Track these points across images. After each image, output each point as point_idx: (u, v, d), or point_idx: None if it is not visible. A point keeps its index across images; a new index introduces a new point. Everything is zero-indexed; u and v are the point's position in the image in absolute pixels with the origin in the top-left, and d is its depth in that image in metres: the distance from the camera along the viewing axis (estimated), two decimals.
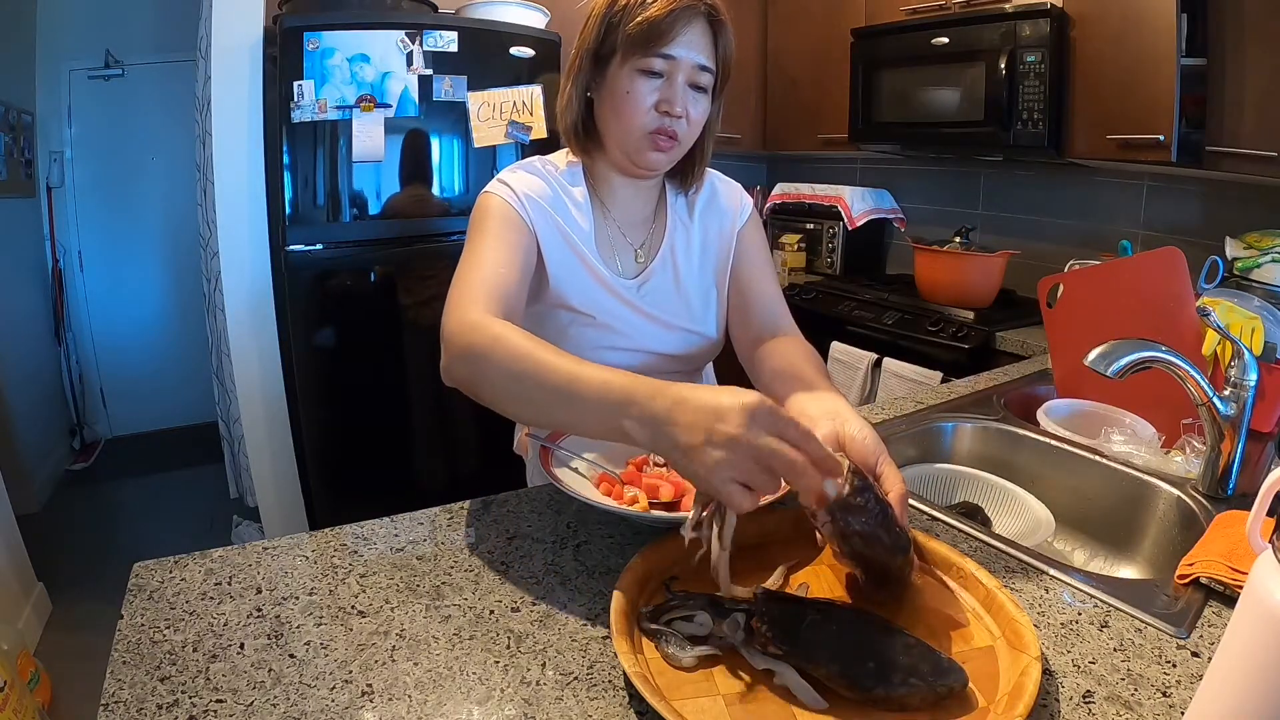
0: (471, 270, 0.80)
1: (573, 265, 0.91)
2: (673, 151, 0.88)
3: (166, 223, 3.27)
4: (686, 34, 0.82)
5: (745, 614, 0.57)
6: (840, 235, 2.60)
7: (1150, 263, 1.13)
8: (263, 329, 2.02)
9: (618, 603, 0.59)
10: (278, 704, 0.53)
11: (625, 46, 0.83)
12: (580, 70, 0.88)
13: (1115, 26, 1.73)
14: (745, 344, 0.99)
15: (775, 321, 0.98)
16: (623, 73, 0.84)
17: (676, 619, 0.58)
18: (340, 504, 1.99)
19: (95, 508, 2.82)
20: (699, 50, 0.83)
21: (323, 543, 0.76)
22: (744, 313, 1.00)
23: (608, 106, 0.87)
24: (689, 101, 0.85)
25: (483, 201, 0.89)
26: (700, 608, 0.58)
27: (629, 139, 0.86)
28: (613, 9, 0.84)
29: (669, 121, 0.84)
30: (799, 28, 2.70)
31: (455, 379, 0.72)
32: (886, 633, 0.56)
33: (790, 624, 0.55)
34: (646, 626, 0.59)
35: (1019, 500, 0.98)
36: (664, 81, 0.84)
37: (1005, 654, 0.58)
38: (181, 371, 3.35)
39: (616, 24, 0.83)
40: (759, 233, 1.04)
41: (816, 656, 0.53)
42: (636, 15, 0.81)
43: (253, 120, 1.93)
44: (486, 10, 2.15)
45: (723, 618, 0.57)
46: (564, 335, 0.94)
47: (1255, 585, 0.45)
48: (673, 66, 0.83)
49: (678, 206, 1.00)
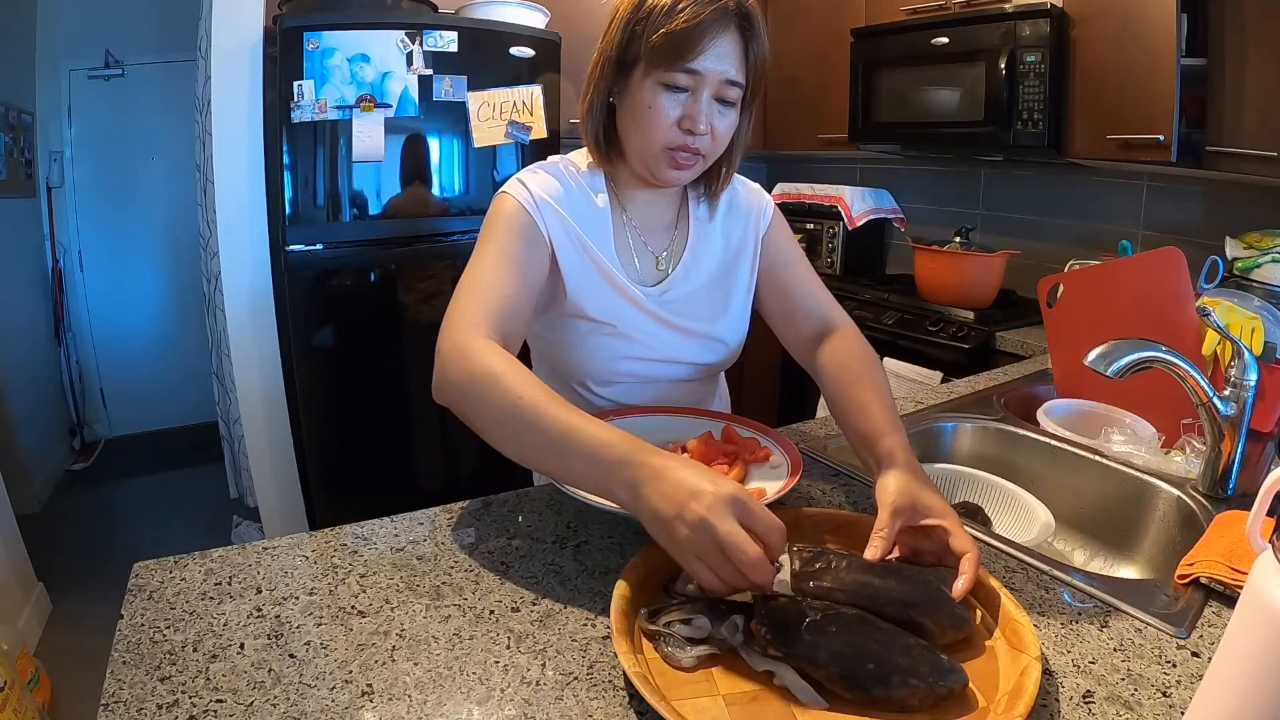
0: (474, 285, 0.78)
1: (589, 273, 0.88)
2: (694, 168, 0.84)
3: (166, 223, 3.27)
4: (715, 47, 0.76)
5: (744, 616, 0.57)
6: (840, 235, 2.60)
7: (1150, 263, 1.13)
8: (263, 329, 2.01)
9: (617, 602, 0.59)
10: (278, 704, 0.53)
11: (649, 58, 0.78)
12: (602, 76, 0.83)
13: (1115, 26, 1.73)
14: (800, 347, 0.96)
15: (824, 315, 0.96)
16: (645, 85, 0.79)
17: (675, 621, 0.58)
18: (340, 504, 1.99)
19: (95, 508, 2.82)
20: (728, 63, 0.78)
21: (323, 543, 0.76)
22: (790, 315, 0.97)
23: (629, 117, 0.83)
24: (715, 117, 0.80)
25: (498, 203, 0.86)
26: (698, 611, 0.58)
27: (648, 154, 0.83)
28: (637, 14, 0.79)
29: (691, 139, 0.80)
30: (799, 28, 2.70)
31: (446, 401, 0.72)
32: (886, 633, 0.56)
33: (789, 625, 0.55)
34: (646, 627, 0.59)
35: (1019, 500, 0.98)
36: (688, 97, 0.79)
37: (1005, 654, 0.58)
38: (181, 371, 3.35)
39: (641, 32, 0.78)
40: (785, 231, 1.01)
41: (816, 657, 0.53)
42: (661, 26, 0.76)
43: (253, 120, 1.93)
44: (486, 10, 2.15)
45: (721, 620, 0.57)
46: (582, 344, 0.91)
47: (1255, 585, 0.45)
48: (698, 82, 0.78)
49: (699, 213, 0.96)
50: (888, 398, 0.82)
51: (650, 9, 0.77)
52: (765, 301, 1.00)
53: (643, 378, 0.95)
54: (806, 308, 0.97)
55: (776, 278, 0.98)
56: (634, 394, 0.97)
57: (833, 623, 0.55)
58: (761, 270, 0.99)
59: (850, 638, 0.54)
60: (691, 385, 1.01)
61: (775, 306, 0.99)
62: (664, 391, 0.98)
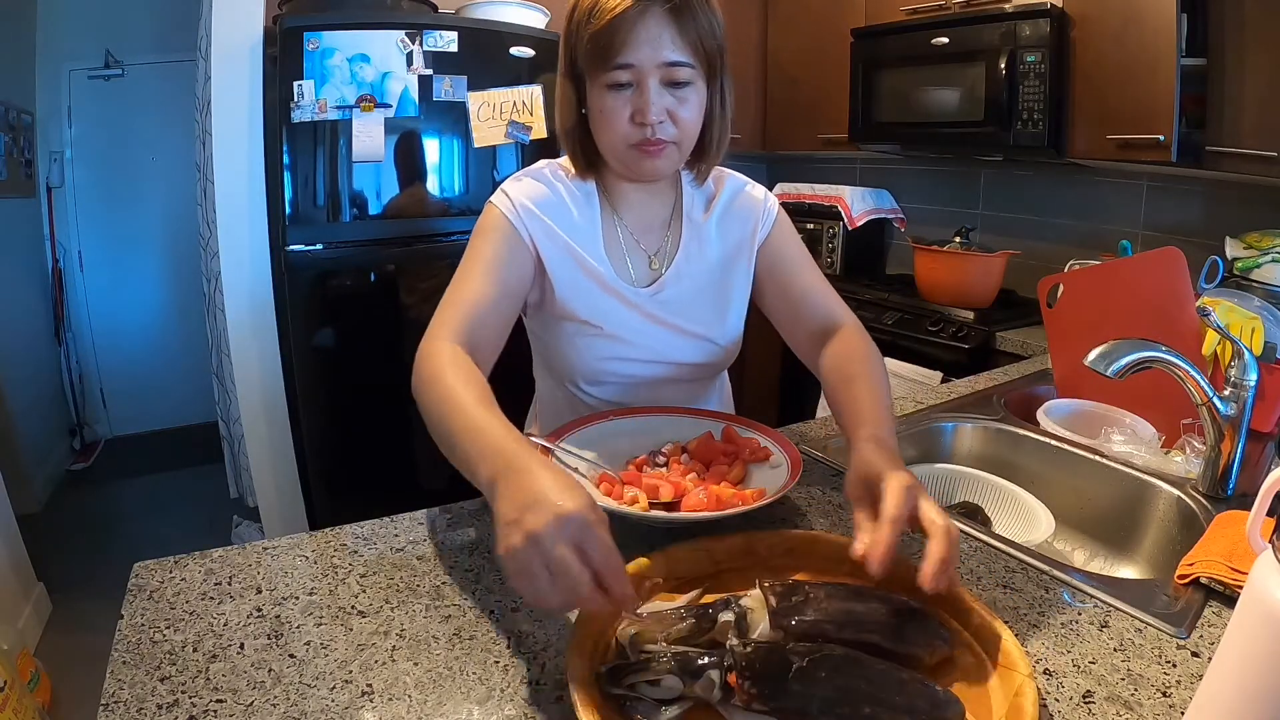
0: (451, 294, 0.81)
1: (577, 276, 0.89)
2: (668, 154, 0.83)
3: (166, 223, 3.27)
4: (642, 34, 0.76)
5: (720, 670, 0.51)
6: (840, 235, 2.60)
7: (1150, 263, 1.13)
8: (263, 329, 2.01)
9: (576, 671, 0.51)
10: (278, 704, 0.53)
11: (587, 64, 0.79)
12: (564, 94, 0.86)
13: (1115, 26, 1.73)
14: (804, 347, 0.96)
15: (827, 312, 0.95)
16: (594, 91, 0.81)
17: (640, 683, 0.52)
18: (340, 504, 1.99)
19: (95, 508, 2.82)
20: (663, 46, 0.77)
21: (323, 543, 0.76)
22: (794, 316, 0.97)
23: (594, 125, 0.84)
24: (669, 103, 0.80)
25: (484, 213, 0.88)
26: (666, 670, 0.52)
27: (617, 154, 0.84)
28: (570, 27, 0.81)
29: (649, 131, 0.79)
30: (799, 28, 2.70)
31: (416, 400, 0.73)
32: (879, 671, 0.52)
33: (774, 675, 0.50)
34: (610, 691, 0.52)
35: (1019, 500, 0.98)
36: (634, 90, 0.79)
37: (993, 674, 0.56)
38: (181, 371, 3.35)
39: (576, 43, 0.80)
40: (790, 233, 1.00)
41: (808, 709, 0.49)
42: (586, 32, 0.77)
43: (253, 120, 1.93)
44: (486, 10, 2.15)
45: (695, 677, 0.51)
46: (571, 344, 0.92)
47: (1255, 585, 0.45)
48: (637, 74, 0.78)
49: (694, 212, 0.96)
50: (881, 392, 0.80)
51: (578, 19, 0.79)
52: (770, 303, 1.00)
53: (633, 377, 0.95)
54: (810, 308, 0.96)
55: (780, 280, 0.98)
56: (626, 394, 0.97)
57: (820, 667, 0.51)
58: (765, 272, 0.98)
59: (841, 681, 0.50)
60: (687, 386, 1.00)
61: (779, 308, 0.98)
62: (658, 392, 0.98)
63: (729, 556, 0.70)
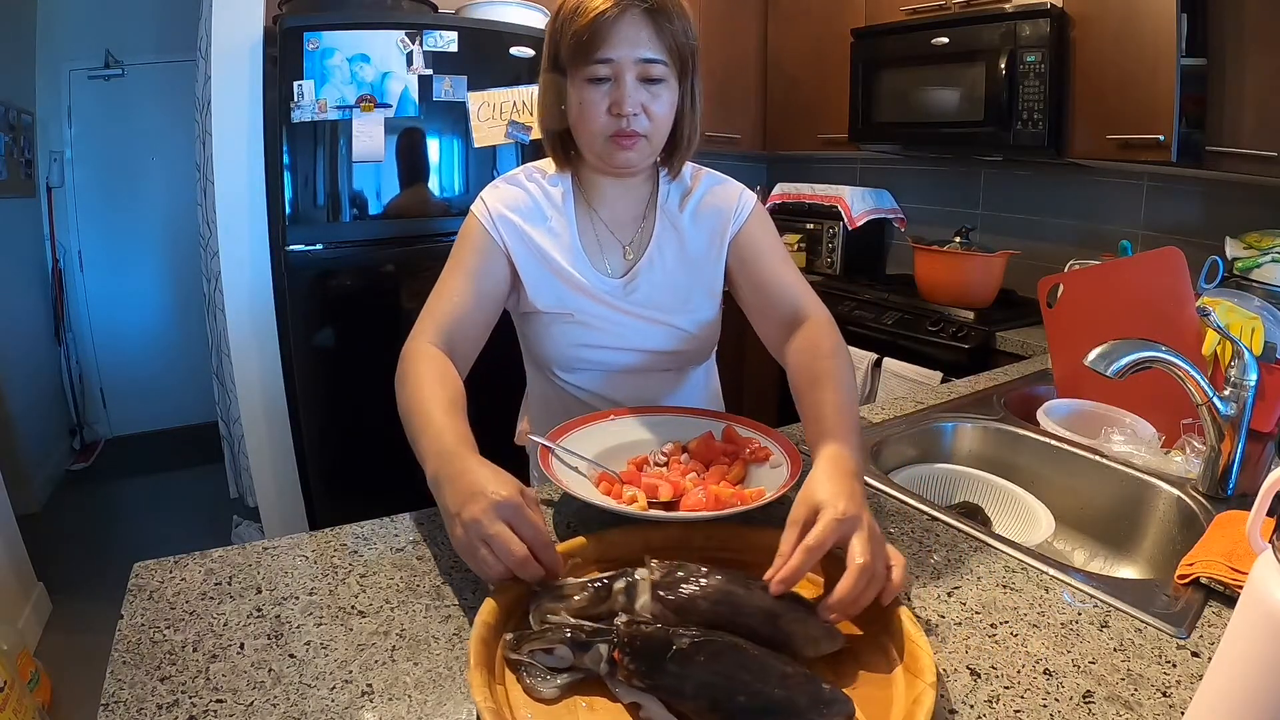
0: (434, 300, 0.90)
1: (546, 277, 0.94)
2: (641, 147, 0.88)
3: (166, 223, 3.27)
4: (621, 32, 0.82)
5: (608, 645, 0.53)
6: (840, 235, 2.60)
7: (1150, 263, 1.13)
8: (263, 329, 2.01)
9: (478, 629, 0.55)
10: (278, 704, 0.53)
11: (570, 60, 0.85)
12: (546, 90, 0.91)
13: (1115, 26, 1.73)
14: (773, 338, 0.96)
15: (795, 304, 0.94)
16: (575, 85, 0.86)
17: (537, 650, 0.55)
18: (340, 504, 1.99)
19: (95, 508, 2.82)
20: (639, 45, 0.83)
21: (323, 543, 0.76)
22: (763, 307, 0.97)
23: (573, 118, 0.89)
24: (644, 98, 0.85)
25: (465, 221, 0.94)
26: (558, 640, 0.54)
27: (594, 145, 0.88)
28: (554, 25, 0.86)
29: (624, 122, 0.85)
30: (799, 28, 2.70)
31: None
32: (760, 662, 0.52)
33: (654, 655, 0.51)
34: (509, 656, 0.55)
35: (1019, 500, 0.98)
36: (612, 84, 0.84)
37: (901, 680, 0.55)
38: (181, 371, 3.35)
39: (559, 40, 0.85)
40: (765, 225, 1.00)
41: (683, 689, 0.51)
42: (570, 30, 0.83)
43: (253, 120, 1.93)
44: (486, 10, 2.15)
45: (584, 650, 0.54)
46: (546, 332, 0.97)
47: (1255, 585, 0.45)
48: (615, 69, 0.83)
49: (668, 206, 0.99)
50: (846, 395, 0.78)
51: (562, 19, 0.85)
52: (742, 295, 1.00)
53: (606, 364, 0.99)
54: (778, 299, 0.95)
55: (750, 271, 0.98)
56: (600, 381, 1.00)
57: (700, 651, 0.51)
58: (737, 263, 0.99)
59: (719, 667, 0.51)
60: (665, 375, 1.03)
61: (750, 299, 0.99)
62: (635, 380, 1.01)
63: (664, 543, 0.70)
